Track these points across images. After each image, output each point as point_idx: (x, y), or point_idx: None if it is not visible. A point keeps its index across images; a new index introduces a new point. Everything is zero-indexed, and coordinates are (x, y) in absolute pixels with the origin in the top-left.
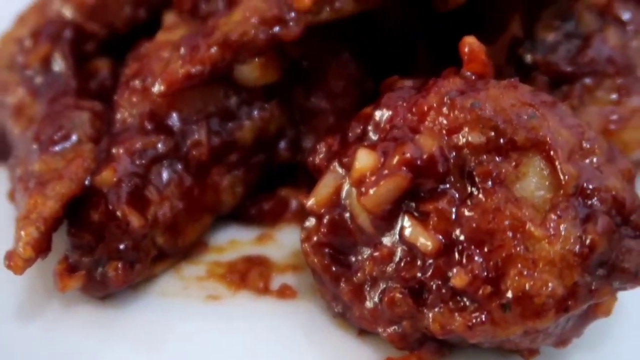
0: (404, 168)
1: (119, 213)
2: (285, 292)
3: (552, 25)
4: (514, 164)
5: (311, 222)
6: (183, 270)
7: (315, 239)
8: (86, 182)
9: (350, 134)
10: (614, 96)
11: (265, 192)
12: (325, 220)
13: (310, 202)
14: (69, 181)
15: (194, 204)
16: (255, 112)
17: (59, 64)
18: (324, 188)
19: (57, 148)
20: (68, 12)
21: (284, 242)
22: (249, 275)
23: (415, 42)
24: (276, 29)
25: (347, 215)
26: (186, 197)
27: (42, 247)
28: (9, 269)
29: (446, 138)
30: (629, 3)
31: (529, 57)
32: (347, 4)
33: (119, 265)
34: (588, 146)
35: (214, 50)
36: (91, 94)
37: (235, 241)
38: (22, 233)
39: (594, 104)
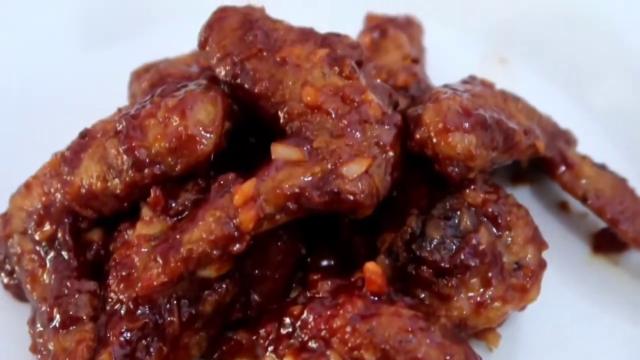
0: None
1: None
2: None
3: (439, 225)
4: None
5: None
6: None
7: None
8: None
9: (282, 330)
10: (481, 290)
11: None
12: None
13: None
14: None
15: None
16: (214, 291)
17: (61, 245)
18: None
19: (65, 331)
20: (66, 201)
21: None
22: None
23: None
24: (226, 246)
25: None
26: None
27: None
28: None
29: (349, 354)
30: (498, 203)
31: (419, 253)
32: (281, 219)
33: None
34: None
35: (180, 264)
36: (87, 264)
37: None
38: None
39: (465, 292)
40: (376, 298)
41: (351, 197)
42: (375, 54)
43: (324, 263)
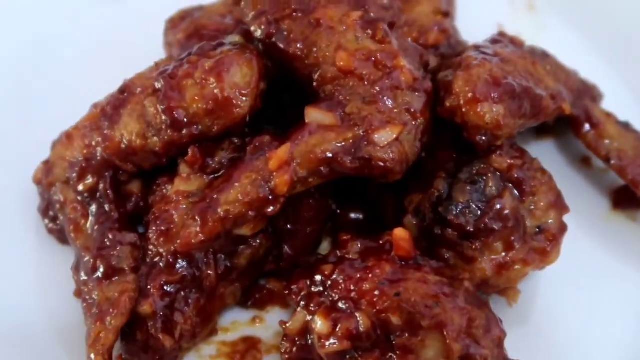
0: (346, 340)
1: (156, 337)
2: None
3: (465, 189)
4: (420, 338)
5: (287, 343)
6: (201, 349)
7: (288, 356)
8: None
9: (313, 288)
10: (503, 253)
11: (256, 284)
12: (297, 344)
13: (288, 328)
14: (121, 315)
15: (207, 314)
16: (249, 245)
17: (103, 198)
18: (296, 322)
19: (108, 282)
20: (106, 155)
21: (271, 324)
22: (246, 355)
23: None
24: (261, 208)
25: (311, 343)
26: (202, 312)
27: None
28: None
29: (377, 316)
30: (523, 169)
31: (445, 216)
32: (314, 181)
33: None
34: (472, 324)
35: (217, 224)
36: (128, 215)
37: (236, 322)
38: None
39: (488, 254)
40: (403, 262)
41: (382, 164)
42: (407, 5)
43: (353, 216)
